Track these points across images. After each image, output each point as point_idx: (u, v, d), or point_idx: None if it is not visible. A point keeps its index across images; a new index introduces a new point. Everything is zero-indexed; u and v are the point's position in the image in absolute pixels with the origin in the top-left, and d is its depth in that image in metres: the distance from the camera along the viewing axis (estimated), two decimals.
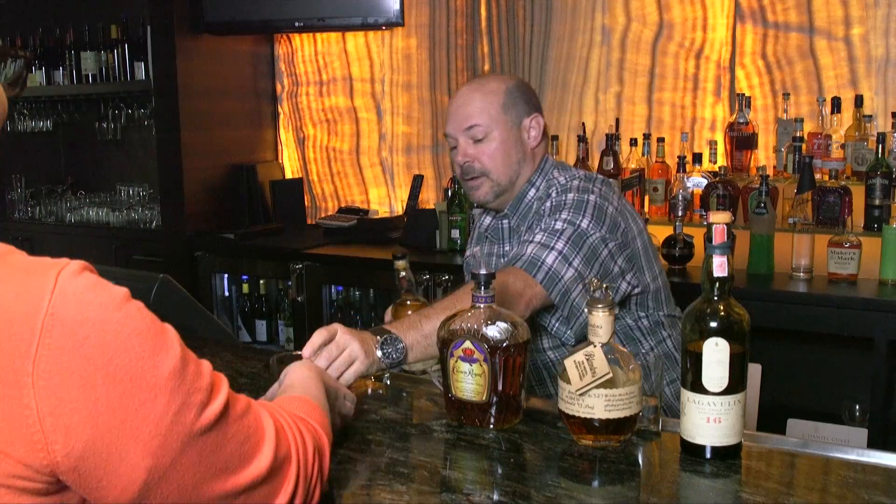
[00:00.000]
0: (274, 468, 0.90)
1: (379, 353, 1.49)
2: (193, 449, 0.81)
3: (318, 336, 1.46)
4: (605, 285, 1.31)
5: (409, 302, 1.76)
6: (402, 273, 1.76)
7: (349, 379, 1.46)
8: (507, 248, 1.95)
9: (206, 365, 0.86)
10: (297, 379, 1.22)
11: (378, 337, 1.50)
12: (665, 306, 1.91)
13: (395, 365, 1.52)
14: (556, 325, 1.75)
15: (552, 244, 1.69)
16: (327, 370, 1.42)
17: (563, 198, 1.78)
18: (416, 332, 1.53)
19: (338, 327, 1.49)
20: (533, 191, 1.90)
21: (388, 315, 1.80)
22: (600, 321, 1.29)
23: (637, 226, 1.85)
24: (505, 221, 1.96)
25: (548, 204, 1.80)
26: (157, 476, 0.79)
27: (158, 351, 0.80)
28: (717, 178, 2.88)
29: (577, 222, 1.72)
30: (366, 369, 1.47)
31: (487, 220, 2.03)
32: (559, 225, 1.72)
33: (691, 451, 1.25)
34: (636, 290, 1.83)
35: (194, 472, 0.82)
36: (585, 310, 1.44)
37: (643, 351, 1.88)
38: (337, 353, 1.45)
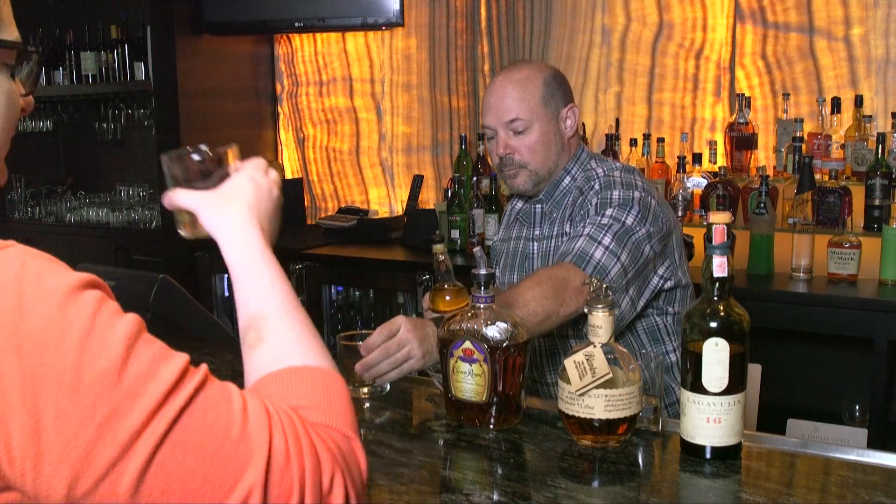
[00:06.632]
0: None
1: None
2: (129, 462, 0.68)
3: (379, 336, 1.49)
4: (604, 285, 1.31)
5: (447, 286, 1.73)
6: (441, 257, 1.72)
7: (402, 374, 1.51)
8: (536, 232, 1.98)
9: (173, 363, 0.72)
10: (266, 295, 0.88)
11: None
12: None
13: None
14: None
15: (599, 239, 1.74)
16: (383, 363, 1.48)
17: (609, 194, 1.82)
18: None
19: (402, 322, 1.51)
20: (568, 178, 1.94)
21: (425, 301, 1.78)
22: (600, 321, 1.29)
23: (673, 220, 1.89)
24: (538, 206, 1.99)
25: (594, 200, 1.83)
26: (80, 491, 0.67)
27: (88, 349, 0.69)
28: (717, 179, 2.88)
29: (623, 219, 1.77)
30: (421, 367, 1.51)
31: (519, 204, 2.06)
32: (605, 221, 1.77)
33: (691, 452, 1.25)
34: (668, 285, 1.85)
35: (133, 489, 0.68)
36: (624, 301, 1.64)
37: (666, 352, 1.88)
38: (396, 350, 1.48)
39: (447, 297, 1.71)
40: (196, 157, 1.00)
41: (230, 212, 0.95)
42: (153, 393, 0.69)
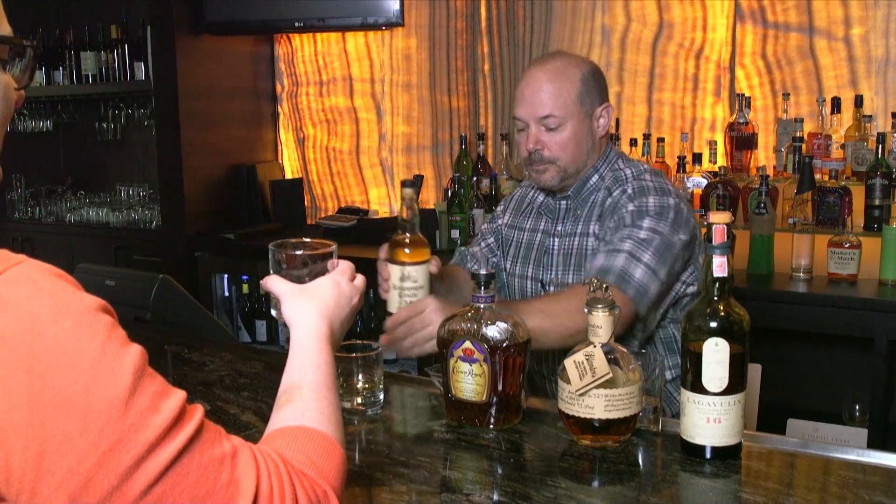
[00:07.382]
0: None
1: None
2: (127, 492, 0.69)
3: (406, 312, 1.51)
4: (605, 285, 1.31)
5: (408, 238, 1.58)
6: (408, 201, 1.56)
7: (423, 353, 1.52)
8: (559, 228, 1.96)
9: (172, 399, 0.74)
10: (308, 371, 0.97)
11: None
12: None
13: None
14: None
15: (640, 256, 1.73)
16: (406, 340, 1.51)
17: (645, 202, 1.80)
18: None
19: (430, 302, 1.52)
20: (596, 176, 1.92)
21: (382, 252, 1.67)
22: (600, 321, 1.29)
23: (698, 224, 1.89)
24: (563, 202, 1.97)
25: (630, 206, 1.81)
26: None
27: (99, 376, 0.69)
28: (717, 179, 2.88)
29: (663, 231, 1.76)
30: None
31: (541, 197, 2.03)
32: (644, 234, 1.75)
33: (691, 451, 1.25)
34: (690, 290, 1.86)
35: None
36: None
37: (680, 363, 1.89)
38: (419, 328, 1.50)
39: (406, 250, 1.58)
40: (298, 251, 1.12)
41: (305, 307, 1.05)
42: (155, 427, 0.71)
